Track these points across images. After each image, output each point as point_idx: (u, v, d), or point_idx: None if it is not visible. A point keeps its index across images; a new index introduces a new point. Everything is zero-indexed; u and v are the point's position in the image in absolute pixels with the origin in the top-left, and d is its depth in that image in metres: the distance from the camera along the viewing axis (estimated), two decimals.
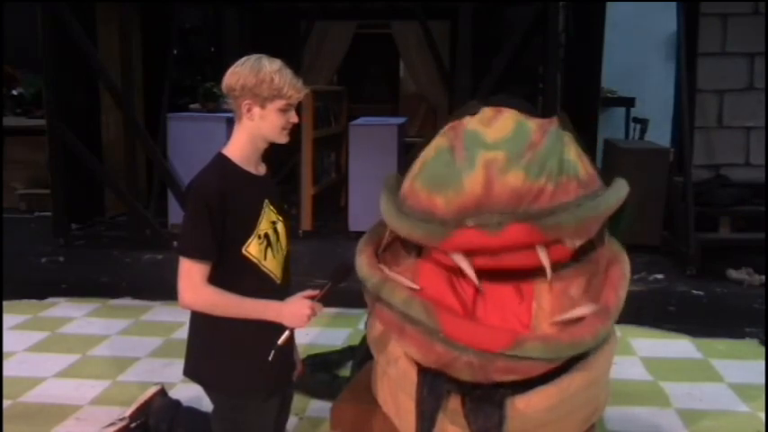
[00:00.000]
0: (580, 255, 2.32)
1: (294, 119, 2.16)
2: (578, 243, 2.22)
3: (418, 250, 2.44)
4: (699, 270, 5.48)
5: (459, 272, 2.29)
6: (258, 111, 2.11)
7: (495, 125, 2.24)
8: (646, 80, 8.77)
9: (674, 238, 5.89)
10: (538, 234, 2.08)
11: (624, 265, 2.33)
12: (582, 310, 2.17)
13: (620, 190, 2.27)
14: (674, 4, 6.06)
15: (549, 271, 2.16)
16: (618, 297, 2.22)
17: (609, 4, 6.77)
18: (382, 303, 2.22)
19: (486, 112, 2.30)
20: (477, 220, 2.07)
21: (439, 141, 2.32)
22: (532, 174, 2.10)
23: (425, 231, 2.16)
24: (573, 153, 2.24)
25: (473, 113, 2.31)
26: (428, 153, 2.32)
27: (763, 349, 4.16)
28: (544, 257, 2.13)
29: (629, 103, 8.70)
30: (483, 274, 2.23)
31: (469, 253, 2.16)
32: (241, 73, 2.10)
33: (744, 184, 5.93)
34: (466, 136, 2.23)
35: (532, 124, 2.25)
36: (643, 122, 8.07)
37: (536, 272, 2.22)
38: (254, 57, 2.13)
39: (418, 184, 2.24)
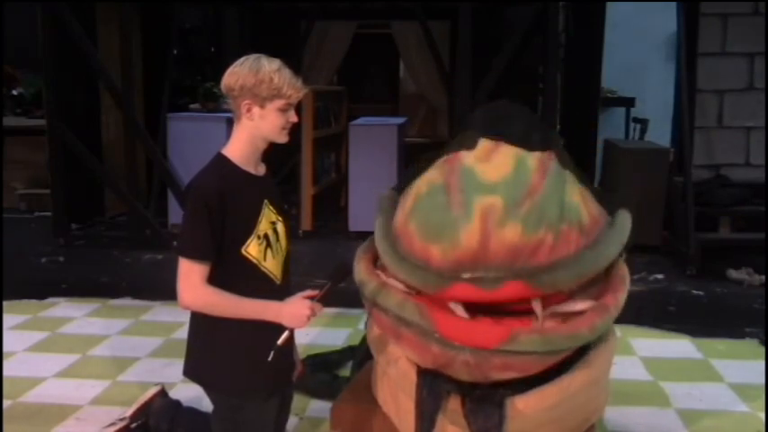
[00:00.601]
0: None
1: (294, 118, 2.16)
2: (574, 288, 2.16)
3: None
4: (699, 270, 5.48)
5: None
6: (257, 110, 2.11)
7: (494, 162, 2.16)
8: (646, 80, 8.77)
9: (674, 238, 5.90)
10: (534, 291, 2.05)
11: (624, 272, 2.31)
12: (580, 305, 2.16)
13: (623, 232, 2.23)
14: (674, 4, 6.06)
15: (541, 319, 2.10)
16: (617, 299, 2.20)
17: (609, 4, 6.76)
18: (379, 309, 2.22)
19: (484, 145, 2.20)
20: (473, 276, 2.04)
21: (433, 176, 2.24)
22: (531, 226, 2.04)
23: (422, 281, 2.12)
24: (575, 195, 2.19)
25: (470, 147, 2.22)
26: (421, 187, 2.24)
27: (763, 349, 4.16)
28: (539, 310, 2.09)
29: (629, 103, 8.69)
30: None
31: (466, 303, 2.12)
32: (240, 73, 2.10)
33: (744, 184, 5.93)
34: (462, 174, 2.16)
35: (532, 162, 2.16)
36: (643, 122, 8.06)
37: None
38: (252, 56, 2.13)
39: (412, 226, 2.18)
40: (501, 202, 2.07)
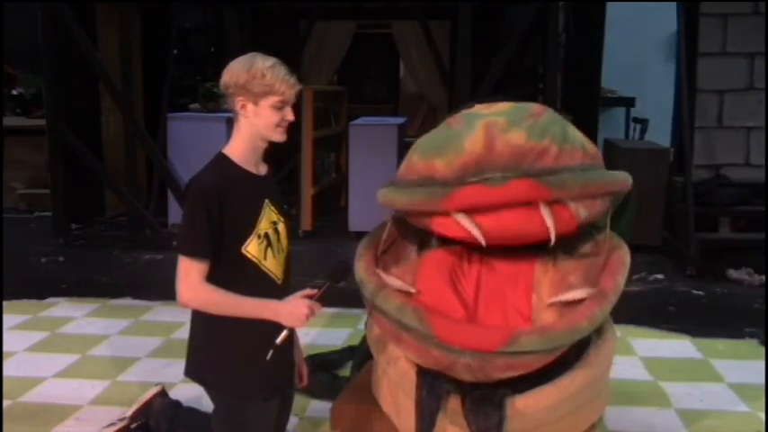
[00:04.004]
0: (581, 250, 2.31)
1: (290, 116, 2.15)
2: (583, 214, 2.13)
3: (418, 251, 2.43)
4: (699, 270, 5.49)
5: (459, 267, 2.28)
6: (252, 107, 2.11)
7: (493, 107, 2.23)
8: (646, 80, 8.77)
9: (674, 238, 5.89)
10: (541, 190, 2.01)
11: (623, 253, 2.30)
12: (579, 293, 2.16)
13: (626, 175, 2.25)
14: (674, 4, 6.07)
15: (552, 231, 2.07)
16: (616, 282, 2.18)
17: (609, 4, 6.77)
18: (378, 310, 2.22)
19: (483, 105, 2.29)
20: (479, 177, 2.03)
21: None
22: (535, 134, 2.05)
23: (425, 195, 2.10)
24: (577, 132, 2.22)
25: (469, 107, 2.30)
26: None
27: (763, 349, 4.16)
28: (548, 216, 2.05)
29: (629, 103, 8.69)
30: (482, 260, 2.19)
31: (472, 212, 2.07)
32: (234, 70, 2.10)
33: (744, 184, 5.93)
34: (464, 114, 2.22)
35: (530, 105, 2.24)
36: (643, 122, 8.06)
37: (536, 256, 2.18)
38: (248, 54, 2.13)
39: (416, 156, 2.21)
40: (504, 119, 2.09)
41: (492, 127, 2.07)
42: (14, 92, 8.62)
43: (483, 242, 2.12)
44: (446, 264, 2.31)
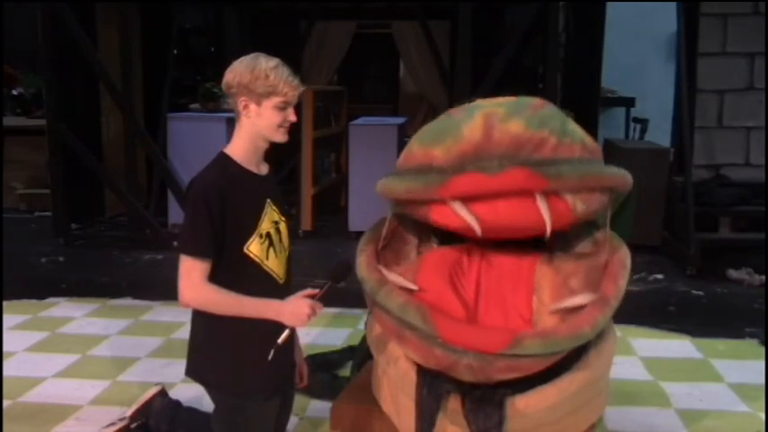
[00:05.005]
0: (581, 250, 2.31)
1: (292, 117, 2.16)
2: (580, 208, 2.12)
3: (418, 248, 2.43)
4: (699, 270, 5.48)
5: (459, 267, 2.28)
6: (254, 108, 2.11)
7: (494, 100, 2.23)
8: (646, 80, 8.77)
9: (674, 238, 5.89)
10: (538, 179, 2.01)
11: (624, 256, 2.29)
12: (581, 299, 2.16)
13: (625, 172, 2.24)
14: (674, 4, 6.06)
15: (548, 223, 2.07)
16: (617, 287, 2.18)
17: (609, 4, 6.77)
18: (380, 308, 2.22)
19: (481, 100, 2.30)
20: (476, 165, 2.03)
21: None
22: (534, 124, 2.05)
23: (423, 182, 2.10)
24: (577, 127, 2.22)
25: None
26: None
27: (763, 349, 4.16)
28: (543, 207, 2.05)
29: (629, 103, 8.69)
30: (482, 259, 2.19)
31: (468, 200, 2.08)
32: (237, 70, 2.10)
33: (744, 184, 5.93)
34: (465, 105, 2.22)
35: (532, 98, 2.24)
36: (643, 122, 8.06)
37: (536, 256, 2.17)
38: (252, 55, 2.13)
39: (415, 145, 2.21)
40: (503, 109, 2.09)
41: (491, 116, 2.07)
42: (14, 92, 8.62)
43: (479, 231, 2.12)
44: (446, 263, 2.31)
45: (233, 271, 2.11)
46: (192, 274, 2.07)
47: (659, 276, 5.48)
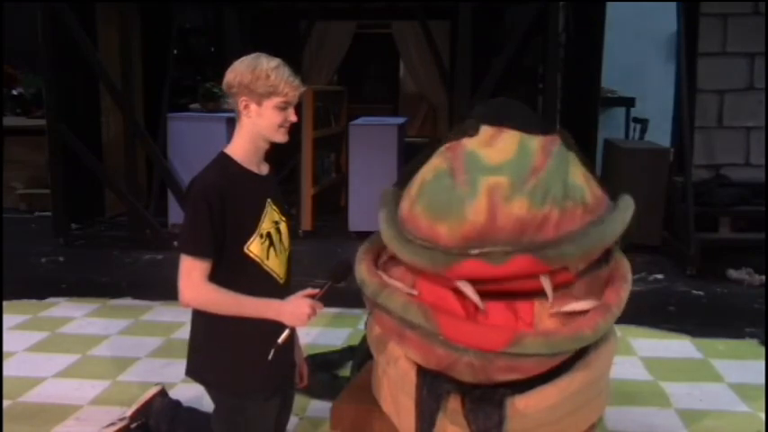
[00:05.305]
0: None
1: (293, 117, 2.16)
2: (581, 267, 2.21)
3: None
4: (699, 270, 5.48)
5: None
6: (255, 108, 2.11)
7: (497, 146, 2.20)
8: (646, 80, 8.76)
9: (674, 238, 5.89)
10: (542, 265, 2.07)
11: (625, 270, 2.33)
12: (583, 304, 2.17)
13: (627, 211, 2.25)
14: (674, 4, 6.06)
15: (550, 296, 2.14)
16: (619, 297, 2.22)
17: (609, 4, 6.76)
18: (381, 309, 2.21)
19: (486, 131, 2.25)
20: (481, 251, 2.05)
21: (437, 162, 2.27)
22: (537, 201, 2.07)
23: (429, 260, 2.13)
24: (579, 176, 2.21)
25: (472, 134, 2.26)
26: (426, 174, 2.27)
27: (763, 349, 4.16)
28: (547, 286, 2.12)
29: (629, 103, 8.68)
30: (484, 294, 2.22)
31: (473, 281, 2.13)
32: (238, 70, 2.11)
33: (744, 184, 5.93)
34: (466, 158, 2.19)
35: (535, 145, 2.20)
36: (643, 122, 8.06)
37: (538, 292, 2.20)
38: (253, 55, 2.13)
39: (418, 208, 2.20)
40: (506, 180, 2.10)
41: (494, 193, 2.07)
42: (14, 92, 8.62)
43: (480, 305, 2.17)
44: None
45: (233, 271, 2.11)
46: (192, 273, 2.07)
47: (659, 276, 5.49)
